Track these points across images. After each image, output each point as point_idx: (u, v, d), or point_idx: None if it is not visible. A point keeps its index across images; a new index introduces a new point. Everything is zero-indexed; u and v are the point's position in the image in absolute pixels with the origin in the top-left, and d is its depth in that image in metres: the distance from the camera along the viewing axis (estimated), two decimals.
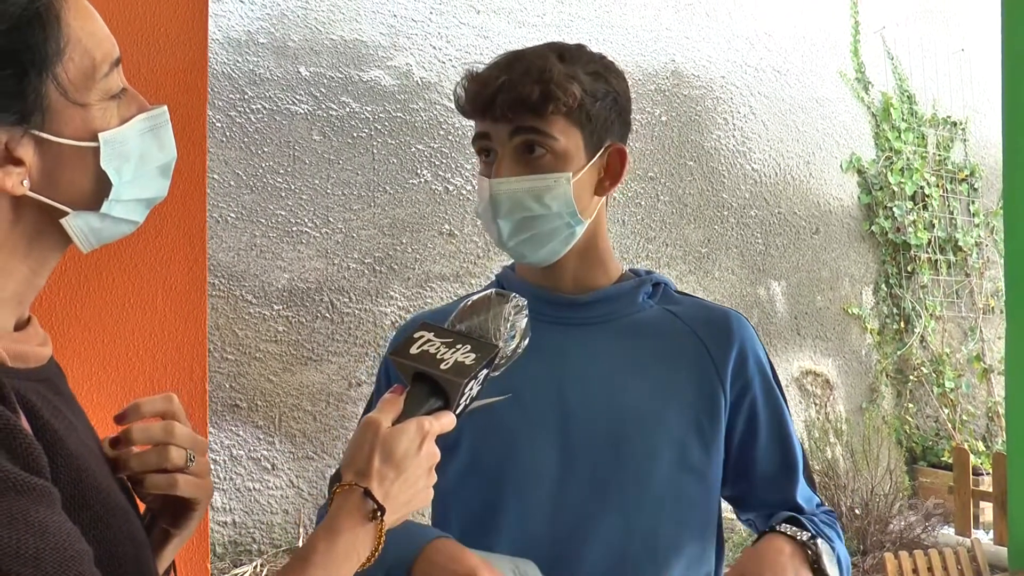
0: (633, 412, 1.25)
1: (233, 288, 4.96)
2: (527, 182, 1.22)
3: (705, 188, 6.57)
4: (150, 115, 0.86)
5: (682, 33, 6.55)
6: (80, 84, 0.80)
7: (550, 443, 1.24)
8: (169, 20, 1.63)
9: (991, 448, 7.19)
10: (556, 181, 1.22)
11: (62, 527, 0.71)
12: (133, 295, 1.61)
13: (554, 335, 1.15)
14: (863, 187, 7.27)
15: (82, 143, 0.80)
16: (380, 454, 0.87)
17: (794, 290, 6.90)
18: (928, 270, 7.37)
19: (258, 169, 5.08)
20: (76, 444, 0.80)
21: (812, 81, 7.11)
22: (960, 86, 7.66)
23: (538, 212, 1.22)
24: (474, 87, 1.25)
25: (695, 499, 1.28)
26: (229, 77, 5.02)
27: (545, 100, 1.21)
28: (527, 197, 1.22)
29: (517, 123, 1.22)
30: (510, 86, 1.21)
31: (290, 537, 5.03)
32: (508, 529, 1.24)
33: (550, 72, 1.22)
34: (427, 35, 5.60)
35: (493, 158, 1.25)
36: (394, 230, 5.42)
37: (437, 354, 0.94)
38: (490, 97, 1.22)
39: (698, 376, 1.28)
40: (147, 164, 0.86)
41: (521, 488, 1.24)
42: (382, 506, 0.85)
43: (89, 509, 0.77)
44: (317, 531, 0.85)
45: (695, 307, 1.35)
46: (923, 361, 7.29)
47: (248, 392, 4.97)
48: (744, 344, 1.31)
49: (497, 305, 0.99)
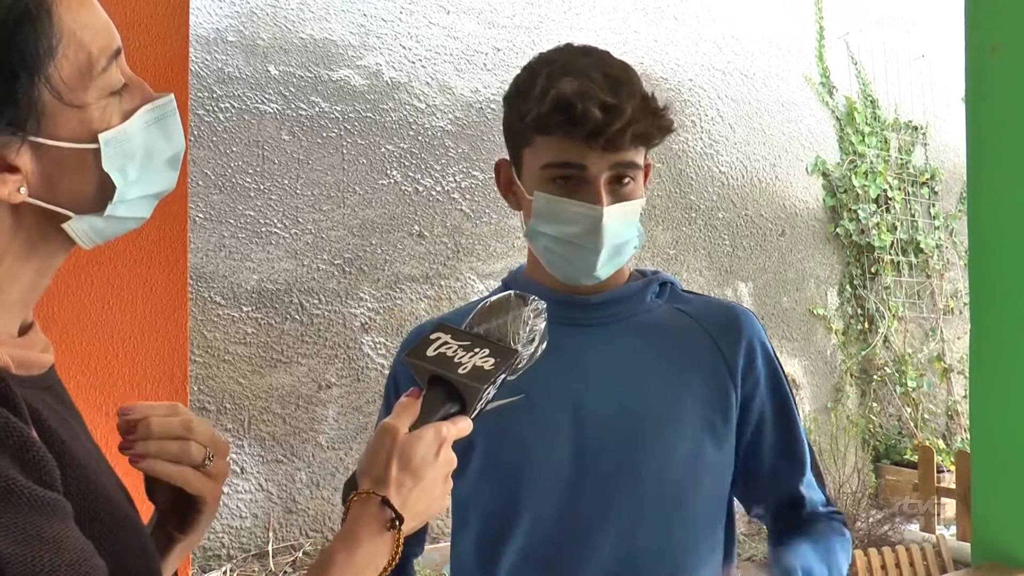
0: (647, 411, 1.25)
1: (201, 289, 4.91)
2: (627, 207, 1.21)
3: (673, 190, 6.62)
4: (155, 106, 0.81)
5: (650, 36, 6.60)
6: (76, 83, 0.75)
7: (564, 444, 1.23)
8: (150, 15, 1.61)
9: (951, 446, 7.32)
10: (639, 207, 1.23)
11: (77, 542, 0.68)
12: (112, 296, 1.59)
13: (565, 336, 1.14)
14: (828, 190, 7.37)
15: (81, 145, 0.76)
16: (398, 461, 0.85)
17: (761, 291, 6.98)
18: (891, 272, 7.48)
19: (227, 169, 5.03)
20: (83, 455, 0.78)
21: (778, 85, 7.20)
22: (921, 91, 7.80)
23: (626, 238, 1.23)
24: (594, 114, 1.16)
25: (709, 496, 1.28)
26: (197, 75, 4.97)
27: (652, 136, 1.20)
28: (621, 224, 1.21)
29: (623, 156, 1.19)
30: (635, 120, 1.17)
31: (259, 542, 4.99)
32: (523, 529, 1.24)
33: (654, 103, 1.20)
34: (397, 35, 5.59)
35: (574, 185, 1.20)
36: (364, 231, 5.39)
37: (455, 357, 0.91)
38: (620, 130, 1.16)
39: (710, 374, 1.28)
40: (154, 159, 0.82)
41: (536, 489, 1.24)
42: (400, 515, 0.83)
43: (100, 522, 0.75)
44: (335, 541, 0.83)
45: (703, 304, 1.36)
46: (886, 361, 7.40)
47: (217, 395, 4.92)
48: (752, 339, 1.32)
49: (516, 308, 0.97)
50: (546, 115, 1.18)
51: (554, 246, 1.24)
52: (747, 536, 5.88)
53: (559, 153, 1.20)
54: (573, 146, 1.18)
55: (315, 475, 5.18)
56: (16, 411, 0.70)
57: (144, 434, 0.87)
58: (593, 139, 1.17)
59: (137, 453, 0.87)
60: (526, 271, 1.37)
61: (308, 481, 5.16)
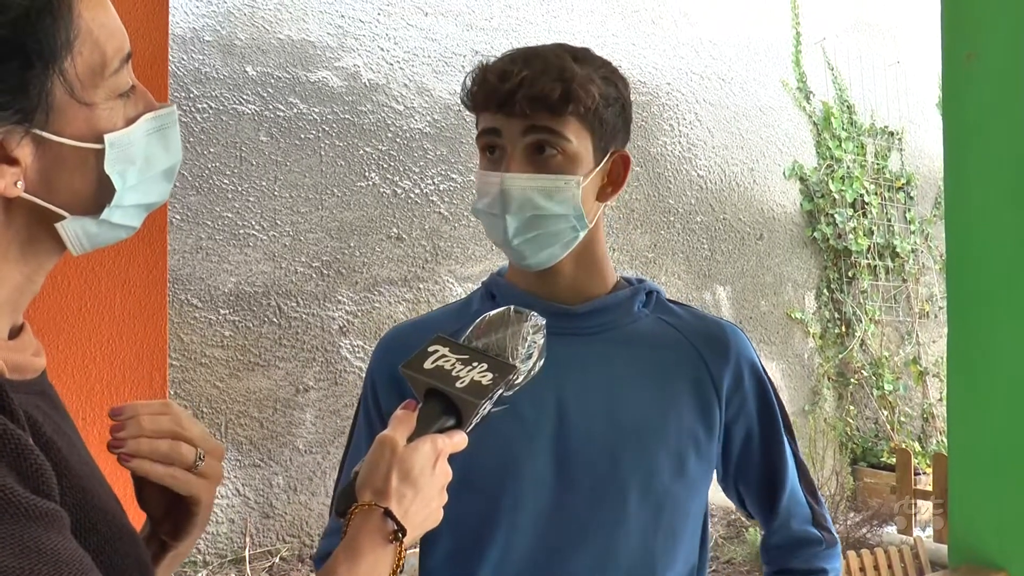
0: (631, 423, 1.23)
1: (178, 292, 4.87)
2: (539, 180, 1.19)
3: (651, 194, 6.64)
4: (158, 115, 0.81)
5: (628, 40, 6.62)
6: (88, 81, 0.74)
7: (547, 455, 1.22)
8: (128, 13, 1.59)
9: (927, 449, 7.38)
10: (567, 183, 1.20)
11: (75, 554, 0.66)
12: (90, 299, 1.57)
13: (550, 345, 1.12)
14: (805, 194, 7.42)
15: (86, 144, 0.75)
16: (398, 473, 0.85)
17: (739, 295, 7.01)
18: (868, 276, 7.55)
19: (204, 170, 4.99)
20: (78, 463, 0.76)
21: (755, 89, 7.24)
22: (896, 97, 7.87)
23: (547, 212, 1.20)
24: (490, 80, 1.20)
25: (688, 509, 1.27)
26: (174, 75, 4.93)
27: (565, 100, 1.18)
28: (538, 195, 1.19)
29: (533, 121, 1.18)
30: (530, 82, 1.17)
31: (236, 547, 4.95)
32: (500, 541, 1.22)
33: (571, 72, 1.19)
34: (375, 36, 5.57)
35: (499, 155, 1.21)
36: (342, 233, 5.37)
37: (452, 371, 0.92)
38: (509, 91, 1.17)
39: (695, 387, 1.27)
40: (152, 168, 0.81)
41: (517, 500, 1.22)
42: (403, 527, 0.83)
43: (96, 533, 0.73)
44: (337, 553, 0.82)
45: (691, 317, 1.34)
46: (863, 364, 7.46)
47: (194, 398, 4.88)
48: (740, 359, 1.30)
49: (516, 323, 0.97)
50: (466, 88, 1.24)
51: (482, 220, 1.26)
52: (725, 539, 5.91)
53: (481, 124, 1.24)
54: (485, 117, 1.22)
55: (292, 479, 5.14)
56: (13, 417, 0.68)
57: (134, 431, 0.86)
58: (490, 103, 1.20)
59: (126, 452, 0.85)
60: (507, 274, 1.35)
61: (285, 486, 5.13)
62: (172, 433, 0.87)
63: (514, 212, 1.19)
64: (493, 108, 1.20)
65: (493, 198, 1.20)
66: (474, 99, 1.23)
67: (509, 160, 1.20)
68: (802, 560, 1.37)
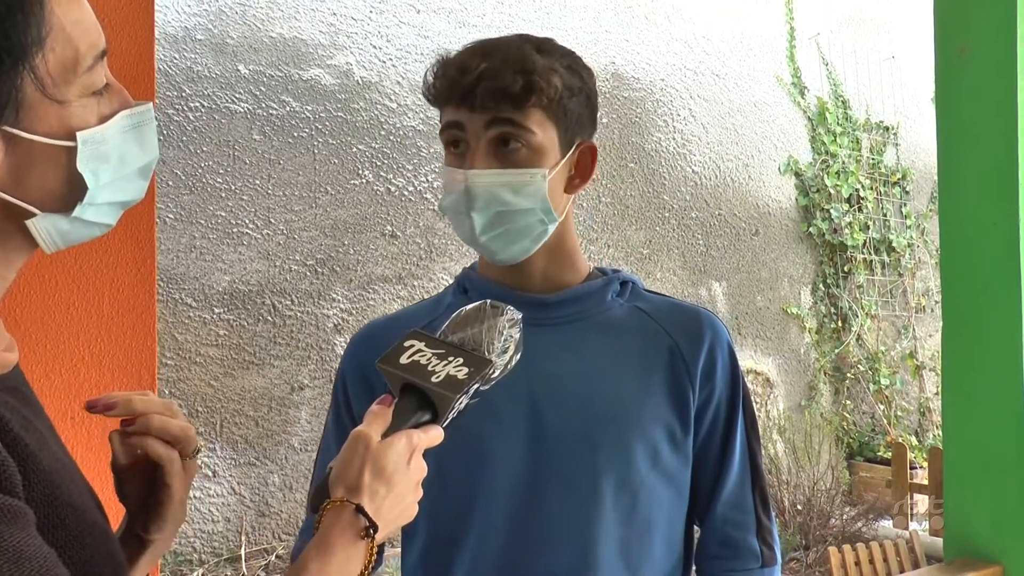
0: (606, 413, 1.22)
1: (172, 291, 4.86)
2: (505, 176, 1.18)
3: (646, 190, 6.64)
4: (134, 112, 0.80)
5: (622, 36, 6.61)
6: (60, 78, 0.73)
7: (521, 446, 1.21)
8: (114, 11, 1.58)
9: (923, 443, 7.40)
10: (532, 177, 1.19)
11: (39, 551, 0.66)
12: (78, 297, 1.56)
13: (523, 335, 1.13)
14: (800, 189, 7.42)
15: (57, 141, 0.74)
16: (371, 469, 0.85)
17: (735, 291, 7.01)
18: (863, 270, 7.55)
19: (197, 169, 4.98)
20: (49, 459, 0.75)
21: (750, 85, 7.24)
22: (892, 92, 7.87)
23: (514, 207, 1.18)
24: (451, 73, 1.18)
25: (665, 502, 1.25)
26: (166, 74, 4.92)
27: (527, 91, 1.16)
28: (504, 191, 1.18)
29: (495, 114, 1.17)
30: (491, 74, 1.16)
31: (231, 546, 4.94)
32: (474, 535, 1.21)
33: (532, 63, 1.17)
34: (367, 34, 5.56)
35: (463, 149, 1.20)
36: (336, 231, 5.36)
37: (428, 366, 0.91)
38: (469, 85, 1.16)
39: (669, 375, 1.26)
40: (127, 166, 0.80)
41: (492, 492, 1.21)
42: (375, 523, 0.83)
43: (64, 529, 0.73)
44: (308, 549, 0.82)
45: (666, 305, 1.32)
46: (859, 359, 7.47)
47: (188, 397, 4.87)
48: (714, 346, 1.28)
49: (492, 317, 0.97)
50: (428, 82, 1.22)
51: (448, 217, 1.25)
52: None
53: (444, 117, 1.22)
54: (448, 112, 1.20)
55: (288, 478, 5.14)
56: None
57: (142, 429, 0.87)
58: (451, 97, 1.19)
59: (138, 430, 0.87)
60: (480, 267, 1.34)
61: (281, 484, 5.12)
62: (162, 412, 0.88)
63: (480, 209, 1.18)
64: (455, 102, 1.19)
65: (459, 195, 1.19)
66: (435, 93, 1.21)
67: (473, 156, 1.18)
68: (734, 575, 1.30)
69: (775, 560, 1.32)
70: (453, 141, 1.21)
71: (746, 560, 1.30)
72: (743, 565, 1.30)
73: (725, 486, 1.30)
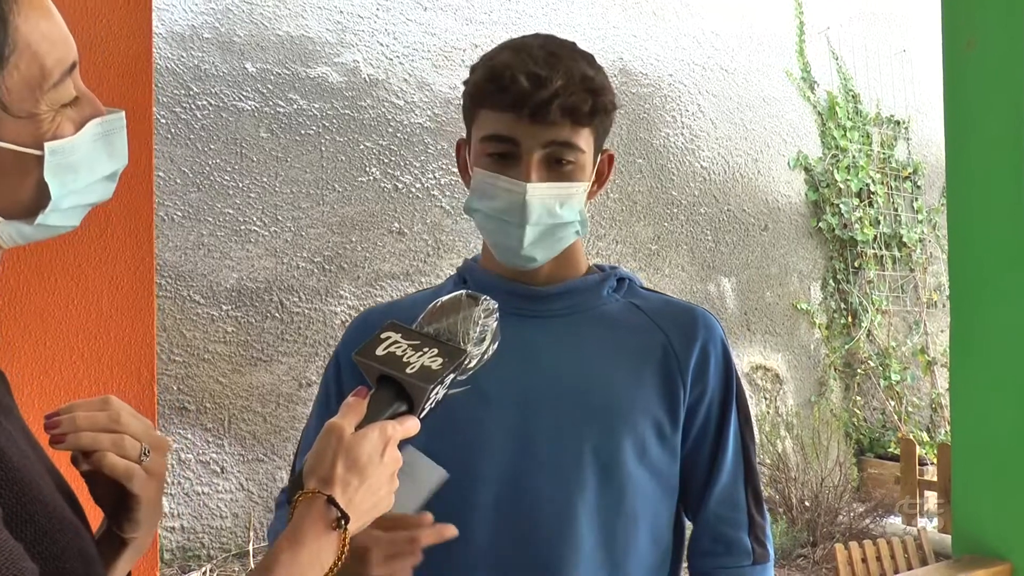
0: (597, 405, 1.23)
1: (180, 288, 4.87)
2: (555, 188, 1.19)
3: (655, 186, 6.62)
4: (104, 120, 0.80)
5: (629, 32, 6.59)
6: (25, 95, 0.73)
7: (512, 436, 1.21)
8: (111, 10, 1.57)
9: (935, 439, 7.35)
10: (577, 190, 1.21)
11: (5, 545, 0.67)
12: (77, 296, 1.56)
13: (516, 326, 1.13)
14: (810, 184, 7.38)
15: (25, 150, 0.74)
16: (343, 461, 0.84)
17: (744, 286, 6.98)
18: (874, 266, 7.51)
19: (205, 167, 4.99)
20: (17, 456, 0.75)
21: (759, 80, 7.20)
22: (903, 86, 7.82)
23: (560, 220, 1.20)
24: (524, 84, 1.15)
25: (648, 495, 1.25)
26: (173, 72, 4.92)
27: (594, 112, 1.18)
28: (555, 204, 1.19)
29: (557, 130, 1.17)
30: (565, 91, 1.15)
31: (240, 541, 4.95)
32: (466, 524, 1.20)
33: (594, 80, 1.18)
34: (374, 31, 5.56)
35: (510, 160, 1.19)
36: (343, 228, 5.36)
37: (404, 357, 0.91)
38: (544, 100, 1.15)
39: (661, 371, 1.26)
40: (95, 172, 0.80)
41: (479, 478, 1.21)
42: (346, 514, 0.83)
43: (33, 524, 0.73)
44: (279, 541, 0.82)
45: (660, 302, 1.33)
46: (870, 355, 7.43)
47: (197, 394, 4.88)
48: (707, 344, 1.28)
49: (467, 308, 0.97)
50: (480, 84, 1.19)
51: (485, 223, 1.24)
52: None
53: (492, 125, 1.20)
54: (505, 119, 1.18)
55: None
56: None
57: (68, 427, 0.85)
58: (518, 108, 1.16)
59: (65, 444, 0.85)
60: (481, 260, 1.35)
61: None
62: (107, 429, 0.86)
63: (534, 223, 1.18)
64: (524, 115, 1.17)
65: (511, 206, 1.18)
66: (491, 98, 1.19)
67: (528, 168, 1.18)
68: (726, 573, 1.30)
69: (767, 557, 1.32)
70: (500, 153, 1.20)
71: (738, 557, 1.30)
72: (735, 562, 1.30)
73: (718, 483, 1.30)
